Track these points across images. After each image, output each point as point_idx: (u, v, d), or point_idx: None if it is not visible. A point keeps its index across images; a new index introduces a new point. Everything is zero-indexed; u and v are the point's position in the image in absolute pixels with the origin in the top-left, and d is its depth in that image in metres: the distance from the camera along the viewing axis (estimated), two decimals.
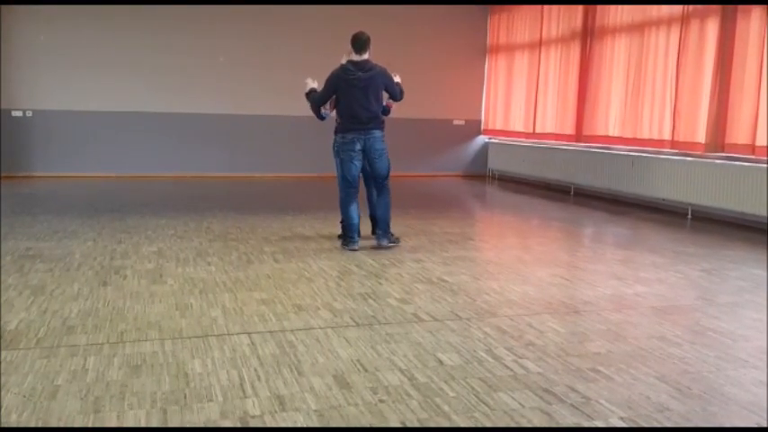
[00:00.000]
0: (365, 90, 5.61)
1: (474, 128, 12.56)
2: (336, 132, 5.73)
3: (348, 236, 5.74)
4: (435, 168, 12.26)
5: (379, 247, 5.74)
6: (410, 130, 12.03)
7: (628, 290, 4.61)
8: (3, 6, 10.14)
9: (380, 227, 5.80)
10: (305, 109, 6.24)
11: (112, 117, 10.78)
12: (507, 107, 11.89)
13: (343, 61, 5.71)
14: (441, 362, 3.18)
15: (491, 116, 12.41)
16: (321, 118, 5.94)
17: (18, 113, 10.47)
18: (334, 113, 5.85)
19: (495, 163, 12.20)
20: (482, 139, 12.59)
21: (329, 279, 4.70)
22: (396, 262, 5.27)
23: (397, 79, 5.89)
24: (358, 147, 5.64)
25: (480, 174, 12.48)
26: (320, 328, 3.65)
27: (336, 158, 5.73)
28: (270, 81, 11.14)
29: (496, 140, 12.20)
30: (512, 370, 3.11)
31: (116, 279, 4.58)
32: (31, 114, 10.53)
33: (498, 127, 12.18)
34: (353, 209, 5.73)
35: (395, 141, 11.83)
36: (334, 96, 5.74)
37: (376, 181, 5.84)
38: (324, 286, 4.51)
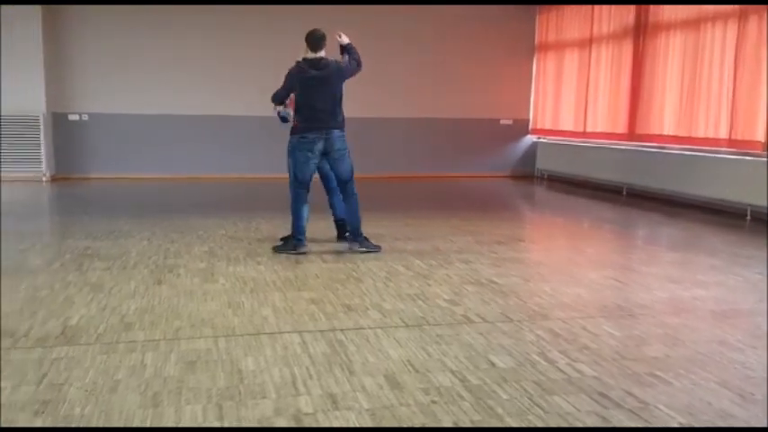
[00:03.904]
0: (322, 89, 5.47)
1: (522, 127, 12.42)
2: (294, 133, 5.50)
3: (297, 238, 5.53)
4: (482, 169, 12.16)
5: (351, 251, 5.58)
6: (456, 130, 11.98)
7: (685, 293, 4.49)
8: (61, 13, 10.47)
9: (351, 231, 5.67)
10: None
11: (164, 120, 11.04)
12: (557, 106, 11.72)
13: (299, 59, 5.52)
14: (493, 364, 3.15)
15: (540, 115, 12.25)
16: (283, 120, 5.70)
17: (74, 117, 10.81)
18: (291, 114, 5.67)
19: (544, 163, 12.03)
20: (530, 138, 12.43)
21: (377, 279, 4.70)
22: (444, 263, 5.24)
23: (344, 40, 5.62)
24: (318, 147, 5.45)
25: (528, 174, 12.32)
26: (370, 328, 3.65)
27: (290, 158, 5.51)
28: None
29: (545, 140, 12.03)
30: (566, 373, 3.06)
31: (170, 277, 4.68)
32: (86, 118, 10.86)
33: (547, 126, 12.01)
34: (306, 210, 5.55)
35: (441, 141, 11.96)
36: (292, 95, 5.60)
37: (341, 185, 5.63)
38: (372, 287, 4.52)
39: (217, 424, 2.50)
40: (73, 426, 2.47)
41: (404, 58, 11.61)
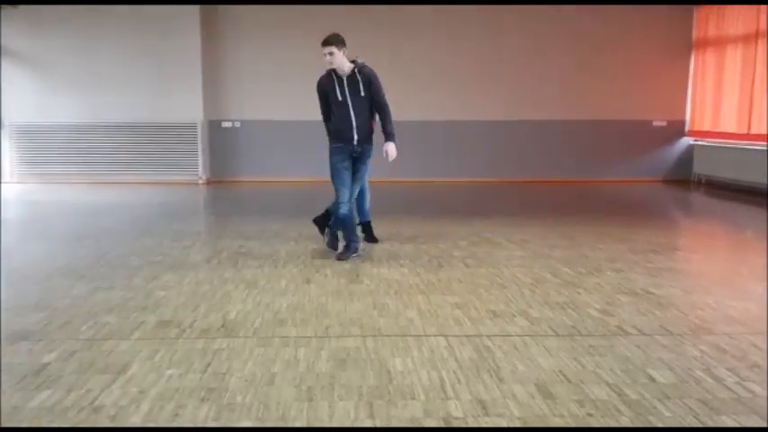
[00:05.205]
0: None
1: (677, 129, 11.64)
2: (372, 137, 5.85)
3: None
4: (633, 173, 11.54)
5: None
6: (605, 133, 11.47)
7: None
8: (217, 16, 11.22)
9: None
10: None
11: (307, 125, 11.43)
12: (717, 106, 10.87)
13: (360, 61, 5.67)
14: (652, 379, 2.95)
15: (697, 116, 11.42)
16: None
17: (227, 124, 11.54)
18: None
19: (702, 167, 11.19)
20: (686, 141, 11.62)
21: (523, 286, 4.58)
22: (594, 271, 5.00)
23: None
24: None
25: (684, 179, 11.52)
26: (518, 335, 3.56)
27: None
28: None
29: (704, 142, 11.20)
30: (735, 392, 2.80)
31: (318, 277, 4.83)
32: (238, 125, 11.55)
33: (706, 128, 11.17)
34: None
35: (589, 144, 11.50)
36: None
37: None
38: (518, 293, 4.40)
39: (368, 422, 2.53)
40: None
41: (552, 59, 11.30)
